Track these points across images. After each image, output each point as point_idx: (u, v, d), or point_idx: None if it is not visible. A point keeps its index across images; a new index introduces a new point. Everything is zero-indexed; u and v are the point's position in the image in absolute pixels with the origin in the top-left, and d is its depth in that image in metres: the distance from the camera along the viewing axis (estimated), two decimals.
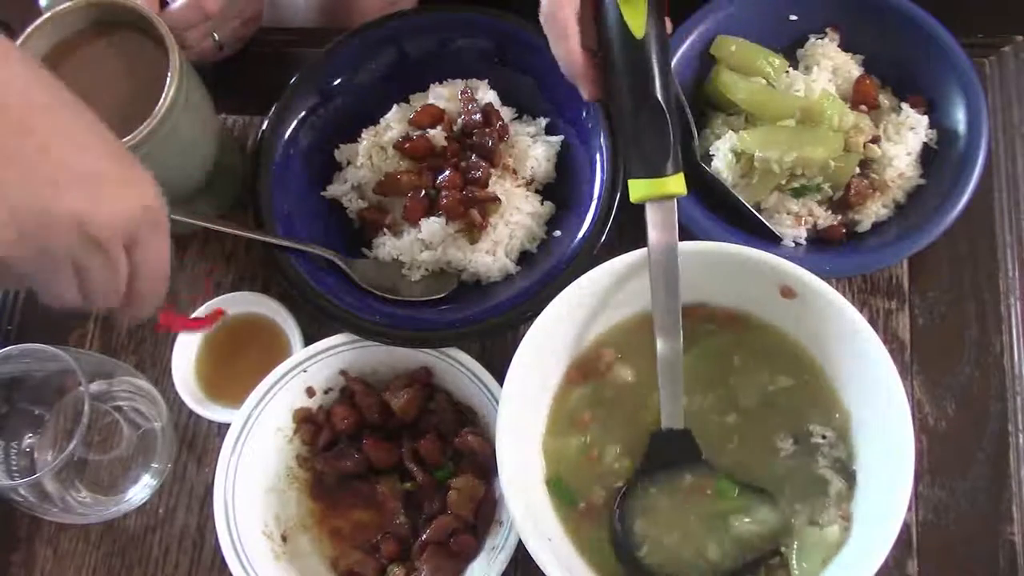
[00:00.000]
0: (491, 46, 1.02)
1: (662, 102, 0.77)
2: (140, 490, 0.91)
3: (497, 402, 0.83)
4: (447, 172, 0.96)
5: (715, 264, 0.83)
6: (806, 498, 0.81)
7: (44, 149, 0.64)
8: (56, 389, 0.90)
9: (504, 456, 0.79)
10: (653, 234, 0.79)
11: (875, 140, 0.95)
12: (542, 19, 0.82)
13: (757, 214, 0.94)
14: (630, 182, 0.79)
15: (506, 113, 1.01)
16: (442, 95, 1.01)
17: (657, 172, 0.78)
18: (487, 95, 1.01)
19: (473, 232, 0.96)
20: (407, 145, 0.98)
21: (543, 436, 0.85)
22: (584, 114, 0.97)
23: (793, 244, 0.94)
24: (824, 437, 0.82)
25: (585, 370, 0.87)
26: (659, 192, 0.78)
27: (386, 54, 1.03)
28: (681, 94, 0.96)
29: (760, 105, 0.95)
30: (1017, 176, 1.00)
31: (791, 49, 1.01)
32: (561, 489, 0.84)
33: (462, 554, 0.88)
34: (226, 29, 1.03)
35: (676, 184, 0.78)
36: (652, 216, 0.78)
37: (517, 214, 0.97)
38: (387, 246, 0.98)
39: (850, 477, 0.81)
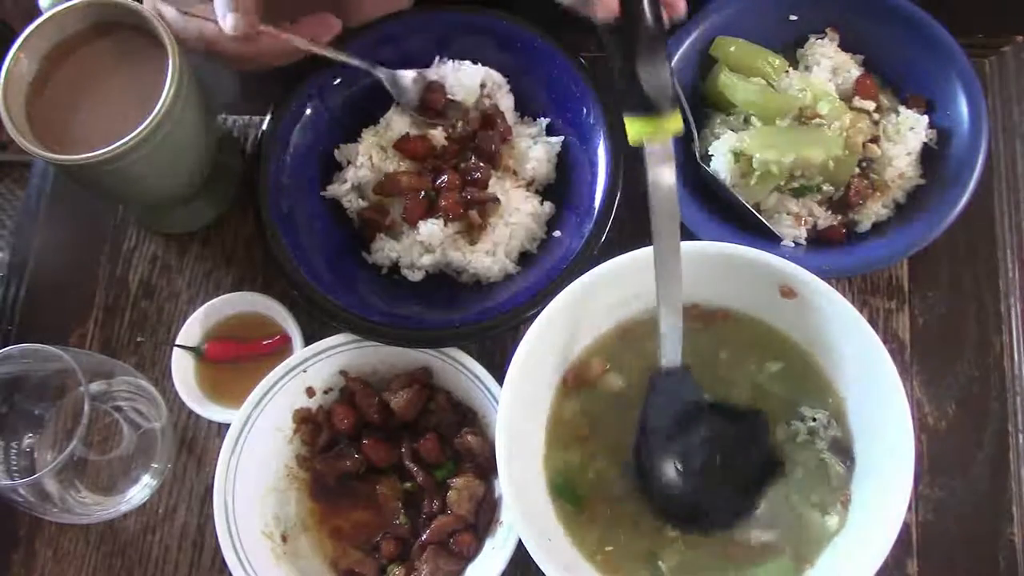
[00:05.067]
0: (491, 46, 1.02)
1: (656, 28, 0.72)
2: (140, 490, 0.91)
3: (497, 402, 0.83)
4: (447, 173, 0.96)
5: (715, 264, 0.83)
6: (807, 483, 0.82)
7: None
8: (56, 389, 0.90)
9: (505, 466, 0.79)
10: (655, 173, 0.75)
11: (875, 140, 0.95)
12: None
13: (757, 214, 0.94)
14: (627, 120, 0.75)
15: (507, 114, 1.01)
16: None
17: (656, 110, 0.73)
18: (505, 98, 1.01)
19: (473, 233, 0.96)
20: (407, 145, 0.98)
21: (544, 451, 0.86)
22: (584, 114, 0.97)
23: (793, 244, 0.94)
24: (815, 419, 0.83)
25: (578, 379, 0.87)
26: (658, 131, 0.74)
27: (386, 54, 1.02)
28: (681, 94, 0.96)
29: (759, 106, 0.95)
30: (1017, 176, 1.00)
31: (791, 49, 1.01)
32: (567, 494, 0.84)
33: (462, 554, 0.88)
34: None
35: (674, 122, 0.74)
36: (652, 155, 0.75)
37: (517, 214, 0.97)
38: (386, 249, 0.98)
39: (849, 458, 0.82)
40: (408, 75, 1.00)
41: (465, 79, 1.00)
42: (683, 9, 0.81)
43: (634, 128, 0.75)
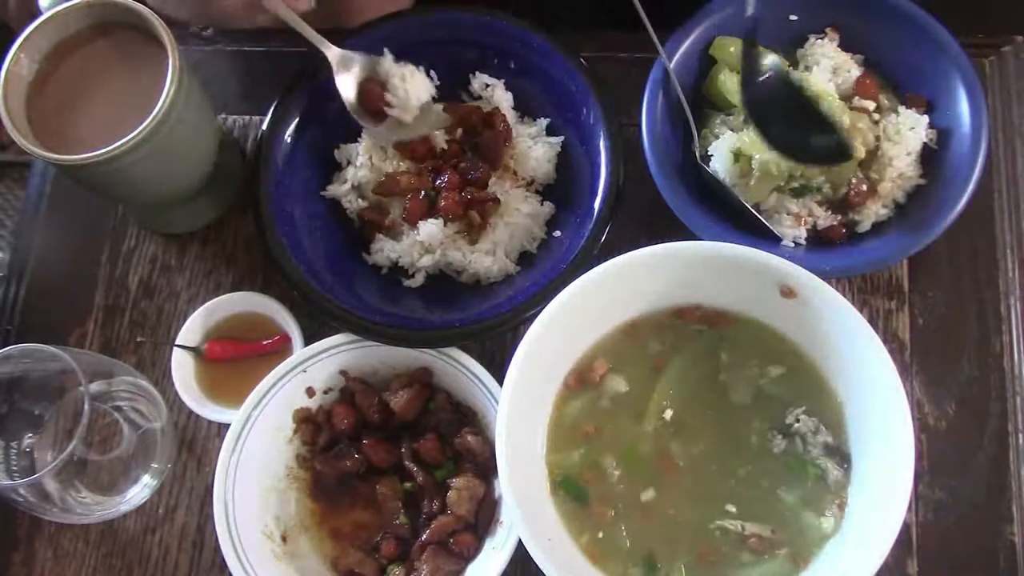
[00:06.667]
0: (491, 46, 1.02)
1: None
2: (140, 490, 0.91)
3: (497, 402, 0.83)
4: (447, 173, 0.96)
5: (715, 264, 0.83)
6: (802, 486, 0.82)
7: None
8: (56, 389, 0.90)
9: (505, 466, 0.79)
10: None
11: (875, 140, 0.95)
12: None
13: (757, 214, 0.94)
14: None
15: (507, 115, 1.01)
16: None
17: None
18: (503, 98, 1.01)
19: (473, 233, 0.96)
20: (407, 145, 0.98)
21: (545, 451, 0.86)
22: (584, 114, 0.97)
23: (793, 244, 0.94)
24: (798, 421, 0.83)
25: (580, 379, 0.87)
26: None
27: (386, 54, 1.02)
28: (681, 94, 0.96)
29: None
30: (1017, 176, 1.00)
31: (791, 49, 1.01)
32: (571, 490, 0.84)
33: (462, 554, 0.88)
34: None
35: None
36: None
37: (517, 215, 0.97)
38: (386, 249, 0.98)
39: (846, 461, 0.82)
40: (356, 59, 0.97)
41: (412, 89, 0.97)
42: None
43: None
